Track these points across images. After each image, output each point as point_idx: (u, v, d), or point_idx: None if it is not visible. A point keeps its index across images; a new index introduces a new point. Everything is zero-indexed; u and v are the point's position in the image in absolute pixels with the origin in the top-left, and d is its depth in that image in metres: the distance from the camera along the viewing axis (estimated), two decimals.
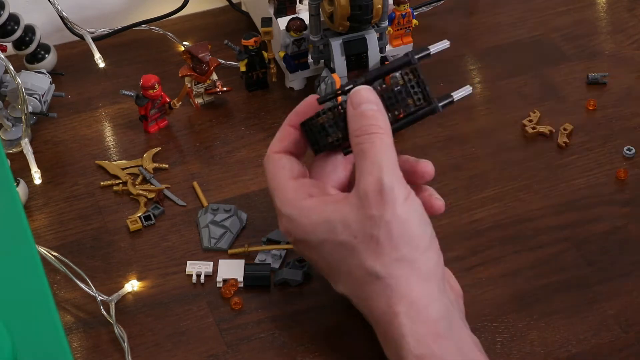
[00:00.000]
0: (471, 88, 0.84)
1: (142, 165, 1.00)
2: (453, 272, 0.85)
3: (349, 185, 0.86)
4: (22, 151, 1.00)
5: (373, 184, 0.77)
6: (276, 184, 0.84)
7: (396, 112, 0.82)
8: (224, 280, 0.90)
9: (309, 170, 0.86)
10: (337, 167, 0.86)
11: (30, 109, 0.99)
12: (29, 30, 1.07)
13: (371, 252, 0.78)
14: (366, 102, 0.81)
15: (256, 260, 0.92)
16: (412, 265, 0.77)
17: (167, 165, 1.01)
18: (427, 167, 0.85)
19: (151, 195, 0.97)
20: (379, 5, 0.98)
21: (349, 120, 0.81)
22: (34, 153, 1.00)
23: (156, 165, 1.00)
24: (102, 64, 1.10)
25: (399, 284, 0.77)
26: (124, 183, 0.99)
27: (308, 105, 0.86)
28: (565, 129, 1.03)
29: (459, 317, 0.79)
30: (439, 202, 0.85)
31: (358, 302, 0.81)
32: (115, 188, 0.98)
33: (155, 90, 1.01)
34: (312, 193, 0.83)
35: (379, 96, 0.82)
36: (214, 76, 1.05)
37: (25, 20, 1.07)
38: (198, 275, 0.91)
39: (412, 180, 0.83)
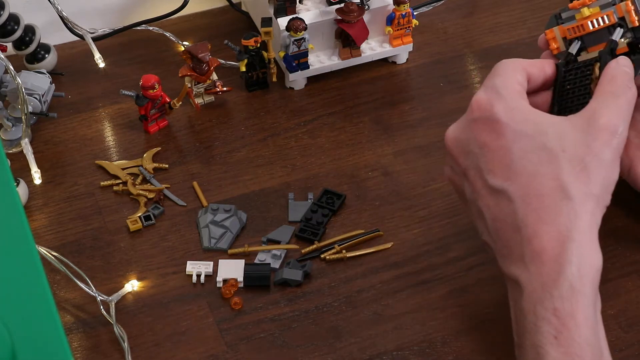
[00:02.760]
0: None
1: (142, 165, 1.00)
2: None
3: None
4: (22, 151, 1.00)
5: (612, 124, 0.79)
6: (507, 75, 0.83)
7: None
8: (224, 280, 0.90)
9: None
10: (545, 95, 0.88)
11: (30, 109, 0.99)
12: (29, 30, 1.07)
13: (574, 173, 0.77)
14: (631, 69, 0.83)
15: (256, 260, 0.92)
16: (596, 207, 0.78)
17: (167, 165, 1.01)
18: None
19: (151, 195, 0.97)
20: None
21: (609, 64, 0.83)
22: (34, 153, 1.00)
23: (156, 165, 1.00)
24: (102, 64, 1.10)
25: (585, 216, 0.77)
26: (124, 183, 0.99)
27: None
28: None
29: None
30: None
31: (521, 203, 0.78)
32: (115, 188, 0.98)
33: (155, 90, 1.01)
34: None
35: None
36: (214, 76, 1.06)
37: (25, 20, 1.07)
38: (198, 275, 0.91)
39: None
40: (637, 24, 0.84)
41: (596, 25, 0.86)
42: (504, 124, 0.79)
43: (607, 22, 0.86)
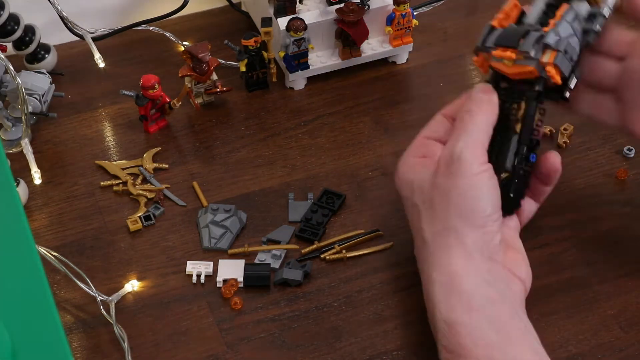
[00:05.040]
0: None
1: (142, 165, 1.00)
2: None
3: None
4: (22, 151, 1.00)
5: (447, 154, 0.81)
6: (417, 136, 0.88)
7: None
8: (224, 280, 0.90)
9: None
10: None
11: (30, 109, 0.99)
12: (29, 30, 1.07)
13: (427, 217, 0.81)
14: (482, 91, 0.85)
15: (256, 260, 0.92)
16: (458, 237, 0.79)
17: (167, 165, 1.01)
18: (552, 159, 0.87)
19: (151, 195, 0.97)
20: None
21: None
22: (34, 153, 1.00)
23: (156, 165, 1.00)
24: (102, 64, 1.10)
25: (441, 253, 0.79)
26: (124, 183, 0.99)
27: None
28: (565, 129, 1.03)
29: (497, 294, 0.79)
30: (553, 155, 0.86)
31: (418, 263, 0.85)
32: (115, 188, 0.98)
33: (155, 90, 1.01)
34: (426, 153, 0.85)
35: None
36: (214, 76, 1.05)
37: (25, 20, 1.07)
38: (198, 275, 0.91)
39: (543, 180, 0.87)
40: (559, 82, 0.84)
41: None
42: (400, 194, 0.87)
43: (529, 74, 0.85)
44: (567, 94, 0.86)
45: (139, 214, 0.96)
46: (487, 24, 0.88)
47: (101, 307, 0.88)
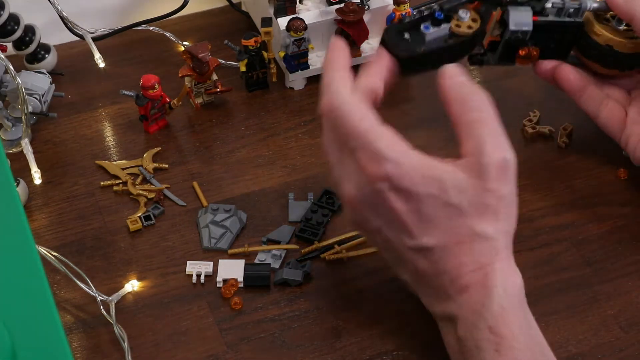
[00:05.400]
0: None
1: (142, 165, 1.00)
2: None
3: None
4: (22, 151, 1.00)
5: (499, 160, 0.80)
6: (365, 127, 0.81)
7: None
8: (224, 280, 0.90)
9: None
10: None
11: (30, 109, 0.99)
12: (29, 30, 1.07)
13: (483, 218, 0.80)
14: (457, 76, 0.84)
15: (256, 260, 0.92)
16: (509, 240, 0.81)
17: (167, 165, 1.01)
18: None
19: (151, 195, 0.97)
20: None
21: (448, 85, 0.84)
22: (34, 153, 1.00)
23: (156, 165, 1.00)
24: (102, 64, 1.10)
25: (502, 250, 0.80)
26: (124, 183, 0.99)
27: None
28: (565, 129, 1.03)
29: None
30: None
31: (442, 252, 0.80)
32: (115, 188, 0.98)
33: (155, 90, 1.01)
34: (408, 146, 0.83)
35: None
36: (214, 76, 1.05)
37: (25, 20, 1.07)
38: (198, 275, 0.91)
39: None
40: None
41: None
42: (406, 190, 0.80)
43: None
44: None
45: (139, 214, 0.96)
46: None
47: (101, 307, 0.88)
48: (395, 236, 0.82)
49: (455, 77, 0.84)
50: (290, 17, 1.04)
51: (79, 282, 0.88)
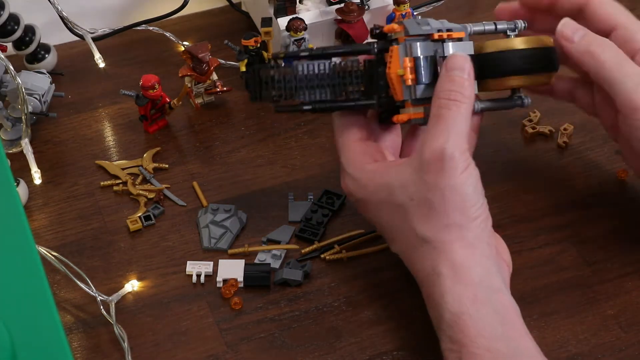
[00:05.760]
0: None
1: (142, 165, 1.01)
2: None
3: (402, 151, 0.90)
4: (22, 151, 1.00)
5: (436, 152, 0.80)
6: (343, 143, 0.88)
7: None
8: (224, 280, 0.90)
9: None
10: (393, 132, 0.90)
11: (30, 109, 0.99)
12: (29, 30, 1.07)
13: (423, 217, 0.81)
14: (459, 69, 0.83)
15: (256, 260, 0.92)
16: (460, 231, 0.80)
17: (167, 165, 1.01)
18: None
19: (151, 195, 0.97)
20: None
21: (439, 81, 0.83)
22: (34, 153, 1.00)
23: (156, 165, 1.00)
24: (102, 64, 1.10)
25: (445, 248, 0.80)
26: (124, 183, 0.99)
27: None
28: (565, 129, 1.03)
29: (501, 283, 0.81)
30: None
31: (407, 263, 0.84)
32: (115, 188, 0.98)
33: (155, 90, 1.01)
34: (377, 157, 0.86)
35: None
36: (214, 76, 1.05)
37: (25, 20, 1.07)
38: (198, 275, 0.91)
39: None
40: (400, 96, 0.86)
41: None
42: (365, 200, 0.86)
43: None
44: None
45: (139, 214, 0.96)
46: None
47: (101, 307, 0.88)
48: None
49: (451, 70, 0.84)
50: (290, 17, 1.04)
51: (79, 282, 0.88)
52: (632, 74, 0.85)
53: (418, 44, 0.84)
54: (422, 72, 0.84)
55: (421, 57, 0.84)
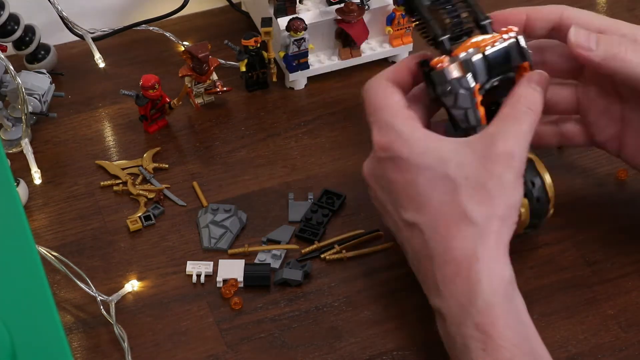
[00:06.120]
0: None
1: (142, 165, 1.01)
2: None
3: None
4: (22, 151, 1.00)
5: (508, 149, 0.81)
6: (386, 103, 0.86)
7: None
8: (224, 280, 0.90)
9: None
10: (427, 109, 0.89)
11: (30, 109, 0.99)
12: (29, 30, 1.07)
13: (475, 198, 0.80)
14: (542, 87, 0.85)
15: (256, 260, 0.92)
16: (501, 227, 0.80)
17: (167, 165, 1.01)
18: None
19: (151, 195, 0.98)
20: None
21: (521, 86, 0.85)
22: (34, 153, 1.00)
23: (156, 165, 1.00)
24: (102, 64, 1.10)
25: (490, 237, 0.80)
26: (124, 183, 0.99)
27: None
28: None
29: (516, 285, 0.81)
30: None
31: (431, 234, 0.82)
32: (115, 188, 0.98)
33: (155, 90, 1.01)
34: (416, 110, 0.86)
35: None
36: (214, 76, 1.05)
37: (25, 20, 1.07)
38: (198, 275, 0.91)
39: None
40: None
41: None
42: (405, 160, 0.83)
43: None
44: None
45: (139, 214, 0.96)
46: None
47: (101, 307, 0.88)
48: (394, 210, 0.84)
49: (531, 81, 0.85)
50: (290, 17, 1.04)
51: (79, 282, 0.88)
52: None
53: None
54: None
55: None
